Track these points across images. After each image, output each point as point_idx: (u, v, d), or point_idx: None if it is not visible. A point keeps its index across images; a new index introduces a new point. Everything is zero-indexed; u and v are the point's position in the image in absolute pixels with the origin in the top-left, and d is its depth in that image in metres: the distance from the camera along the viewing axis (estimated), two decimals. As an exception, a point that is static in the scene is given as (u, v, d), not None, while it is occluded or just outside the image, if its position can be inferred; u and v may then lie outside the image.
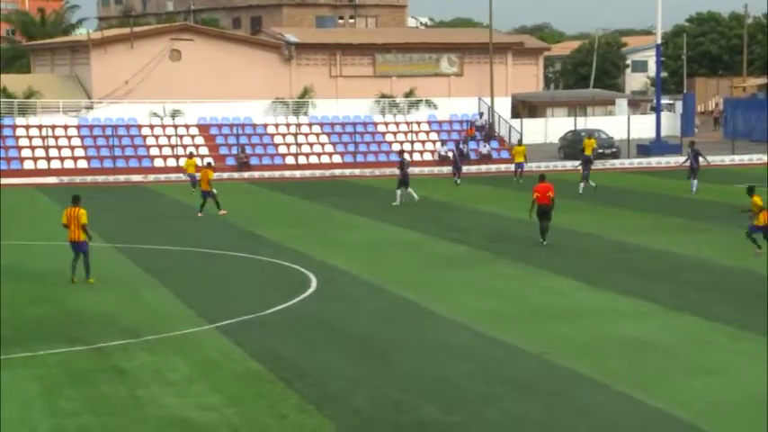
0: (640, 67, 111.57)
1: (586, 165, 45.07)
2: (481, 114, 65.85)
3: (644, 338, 19.29)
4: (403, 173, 41.61)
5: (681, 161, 48.70)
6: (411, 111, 65.94)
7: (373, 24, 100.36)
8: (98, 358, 18.27)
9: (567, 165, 58.49)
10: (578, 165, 46.72)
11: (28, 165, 55.86)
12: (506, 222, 35.64)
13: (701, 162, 43.33)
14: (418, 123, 64.59)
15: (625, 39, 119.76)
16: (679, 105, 77.50)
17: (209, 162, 44.99)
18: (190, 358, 18.22)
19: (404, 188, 41.18)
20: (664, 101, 72.55)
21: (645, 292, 23.31)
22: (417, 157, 60.83)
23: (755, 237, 27.34)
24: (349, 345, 19.23)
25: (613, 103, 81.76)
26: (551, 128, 71.07)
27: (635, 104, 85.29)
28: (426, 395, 15.92)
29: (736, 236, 29.63)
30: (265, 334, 19.99)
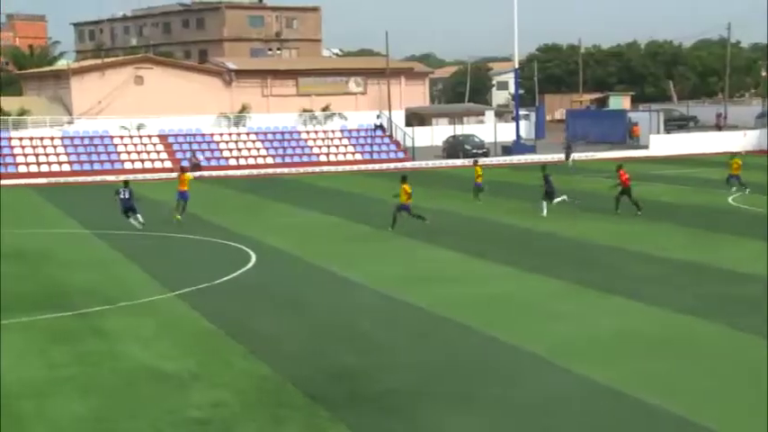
0: (503, 86, 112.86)
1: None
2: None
3: (507, 294, 19.53)
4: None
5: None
6: (327, 122, 65.76)
7: (296, 54, 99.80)
8: (81, 321, 17.92)
9: (450, 162, 59.06)
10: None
11: (22, 168, 54.53)
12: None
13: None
14: (333, 131, 64.46)
15: (491, 64, 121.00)
16: (533, 115, 78.57)
17: (182, 166, 43.64)
18: (156, 320, 17.98)
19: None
20: (521, 112, 73.49)
21: (507, 259, 23.58)
22: (333, 158, 60.87)
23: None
24: (281, 305, 19.14)
25: (483, 114, 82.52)
26: (436, 134, 71.52)
27: (500, 115, 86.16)
28: (343, 344, 15.93)
29: (574, 214, 30.12)
30: (216, 299, 19.80)
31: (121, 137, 59.27)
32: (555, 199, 32.27)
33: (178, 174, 36.78)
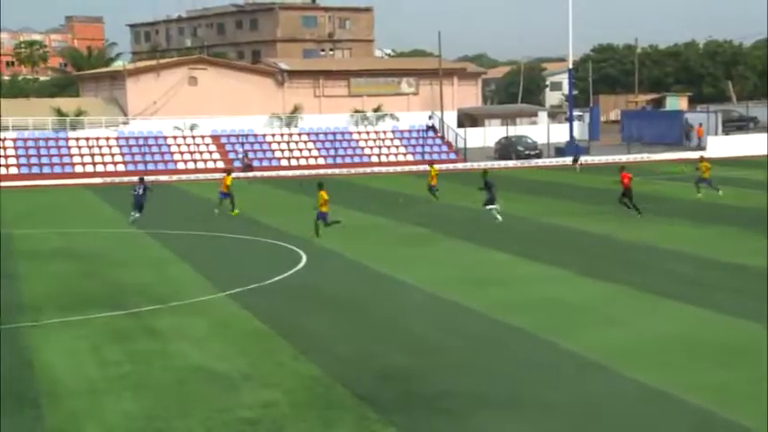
0: (557, 87, 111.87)
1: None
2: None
3: (561, 297, 19.30)
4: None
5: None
6: (378, 122, 65.79)
7: (348, 55, 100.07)
8: (134, 320, 18.12)
9: (501, 164, 58.68)
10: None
11: (78, 168, 55.45)
12: (453, 211, 35.64)
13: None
14: (384, 132, 64.48)
15: (545, 65, 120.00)
16: (587, 116, 77.78)
17: (228, 169, 43.82)
18: (207, 319, 18.09)
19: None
20: (575, 113, 72.77)
21: (560, 262, 23.31)
22: (384, 159, 60.91)
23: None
24: (332, 306, 19.14)
25: (536, 115, 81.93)
26: (488, 135, 71.14)
27: (553, 116, 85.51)
28: (394, 345, 15.87)
29: (631, 217, 29.76)
30: (266, 299, 19.87)
31: (175, 137, 59.95)
32: (488, 205, 31.00)
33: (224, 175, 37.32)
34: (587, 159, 59.29)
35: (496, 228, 29.80)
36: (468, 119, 74.65)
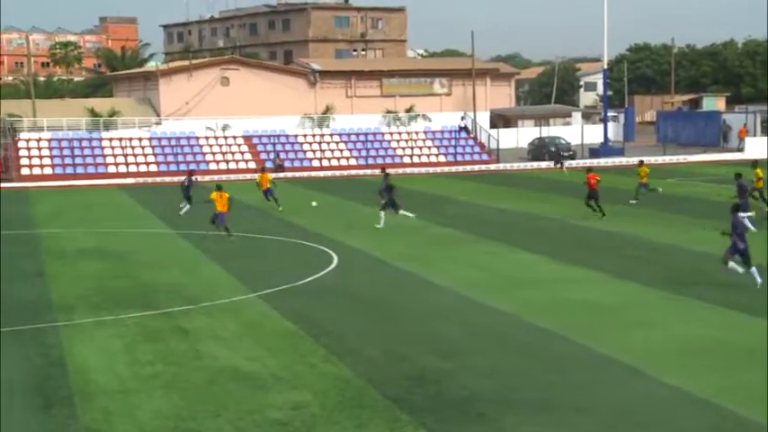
0: (591, 87, 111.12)
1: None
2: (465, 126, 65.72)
3: (592, 300, 19.21)
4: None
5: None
6: (411, 123, 65.78)
7: (380, 55, 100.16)
8: (166, 320, 18.28)
9: (534, 165, 58.43)
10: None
11: (111, 169, 55.99)
12: (482, 211, 35.57)
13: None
14: (416, 133, 64.46)
15: (579, 65, 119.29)
16: (622, 117, 77.23)
17: (263, 167, 44.04)
18: (238, 320, 18.21)
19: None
20: (610, 114, 72.32)
21: (591, 264, 23.20)
22: (416, 160, 60.93)
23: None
24: (363, 308, 19.19)
25: (570, 116, 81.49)
26: (521, 136, 70.91)
27: (587, 116, 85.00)
28: (425, 347, 15.87)
29: (665, 219, 29.51)
30: (297, 300, 19.95)
31: (207, 137, 60.37)
32: (399, 210, 30.88)
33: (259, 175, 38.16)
34: (621, 161, 58.82)
35: (527, 229, 29.70)
36: (500, 120, 74.42)
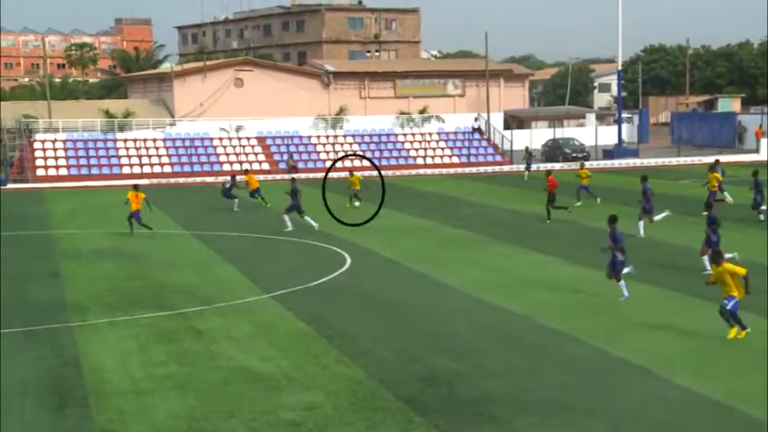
0: (605, 88, 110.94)
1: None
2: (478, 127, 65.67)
3: (604, 301, 19.18)
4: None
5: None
6: (424, 124, 65.83)
7: (394, 56, 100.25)
8: (180, 321, 18.38)
9: (548, 165, 58.23)
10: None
11: (125, 170, 56.24)
12: (494, 212, 35.54)
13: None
14: (430, 134, 64.48)
15: (593, 66, 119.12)
16: (636, 118, 77.03)
17: (246, 170, 44.01)
18: (251, 321, 18.29)
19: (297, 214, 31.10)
20: (624, 115, 72.15)
21: (605, 266, 23.08)
22: (429, 161, 60.97)
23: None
24: (376, 309, 19.24)
25: (584, 117, 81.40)
26: (535, 137, 70.83)
27: (601, 118, 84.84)
28: (438, 348, 15.91)
29: (678, 221, 29.44)
30: (310, 301, 20.02)
31: (221, 138, 60.57)
32: (304, 216, 30.66)
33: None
34: (635, 162, 58.64)
35: (539, 231, 29.67)
36: (514, 121, 74.36)
